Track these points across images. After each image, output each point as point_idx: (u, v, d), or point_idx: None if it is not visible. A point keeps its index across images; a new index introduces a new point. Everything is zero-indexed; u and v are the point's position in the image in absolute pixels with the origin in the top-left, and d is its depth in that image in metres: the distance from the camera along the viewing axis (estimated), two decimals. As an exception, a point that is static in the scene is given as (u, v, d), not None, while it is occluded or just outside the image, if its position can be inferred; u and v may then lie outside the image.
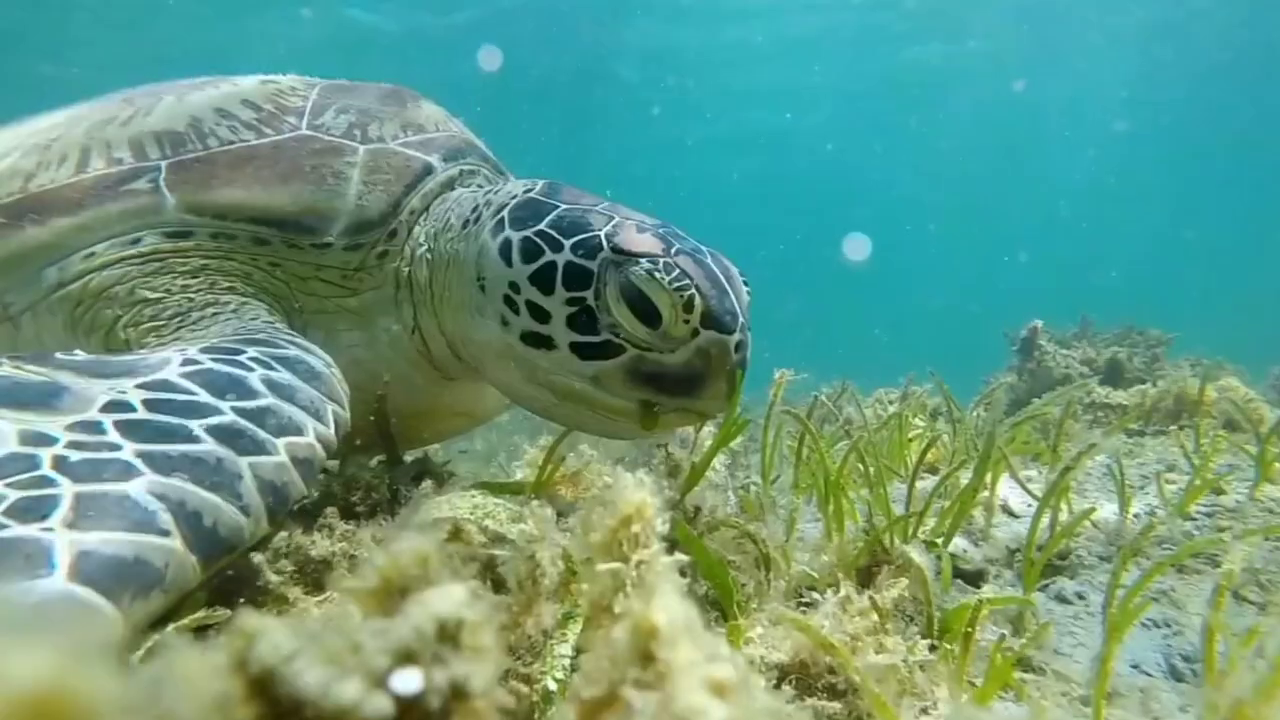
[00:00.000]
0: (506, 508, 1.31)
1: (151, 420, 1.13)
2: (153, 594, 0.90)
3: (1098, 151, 35.48)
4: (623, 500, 0.65)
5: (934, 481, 2.16)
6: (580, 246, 1.52)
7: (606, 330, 1.50)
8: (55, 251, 1.69)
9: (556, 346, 1.53)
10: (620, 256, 1.48)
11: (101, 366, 1.29)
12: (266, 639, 0.49)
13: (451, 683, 0.50)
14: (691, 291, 1.44)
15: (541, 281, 1.53)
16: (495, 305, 1.59)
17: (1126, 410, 4.03)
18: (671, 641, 0.52)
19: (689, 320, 1.46)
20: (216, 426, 1.15)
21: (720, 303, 1.48)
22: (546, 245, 1.54)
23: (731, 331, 1.48)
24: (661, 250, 1.49)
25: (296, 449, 1.21)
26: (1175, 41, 21.90)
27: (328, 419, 1.33)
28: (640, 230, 1.54)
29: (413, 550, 0.55)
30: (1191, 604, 1.62)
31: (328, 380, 1.42)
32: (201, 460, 1.08)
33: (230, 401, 1.22)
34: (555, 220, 1.58)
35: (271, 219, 1.72)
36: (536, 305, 1.54)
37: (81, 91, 2.13)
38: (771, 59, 23.17)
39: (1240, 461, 2.57)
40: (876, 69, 24.50)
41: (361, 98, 1.98)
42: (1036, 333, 5.64)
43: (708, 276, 1.49)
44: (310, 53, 18.96)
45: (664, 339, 1.48)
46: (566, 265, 1.51)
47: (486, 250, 1.62)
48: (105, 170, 1.75)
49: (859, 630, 1.22)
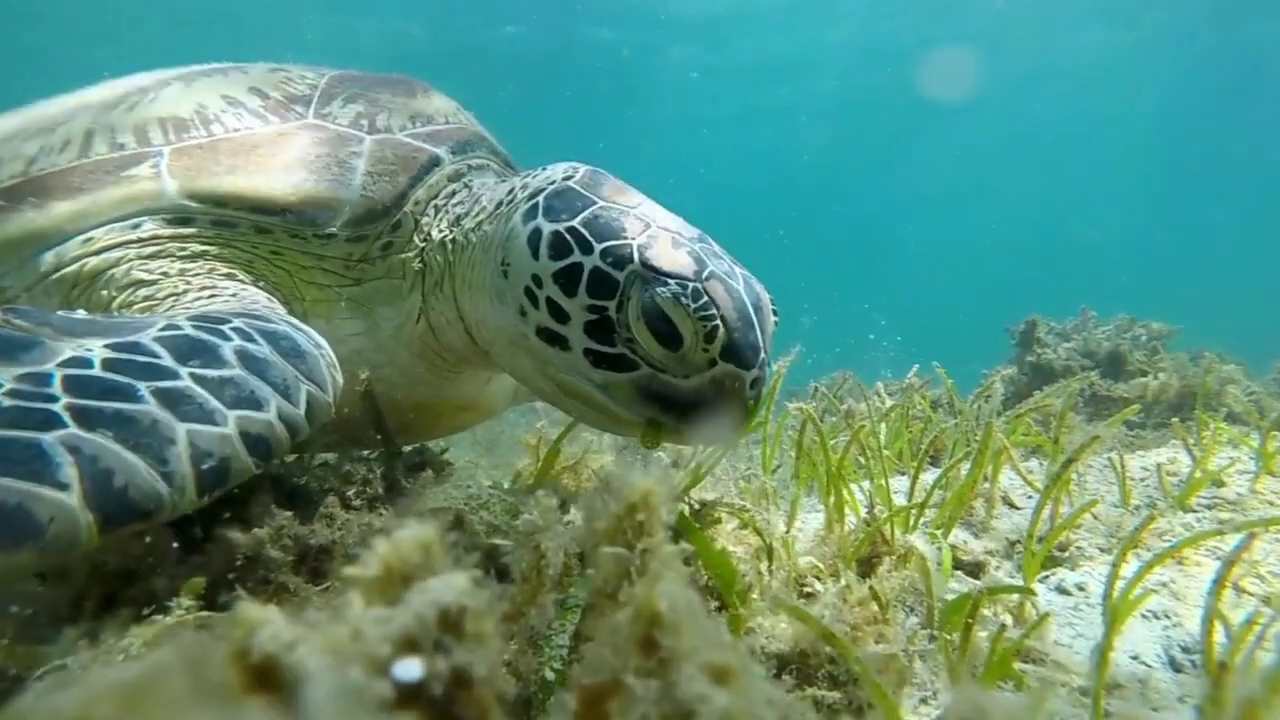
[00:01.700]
0: (502, 499, 1.31)
1: (102, 378, 1.10)
2: (24, 546, 0.87)
3: (1099, 146, 35.37)
4: (629, 488, 0.64)
5: (935, 473, 2.17)
6: (610, 254, 1.47)
7: (623, 344, 1.46)
8: (54, 236, 1.68)
9: (570, 348, 1.50)
10: (649, 273, 1.43)
11: (89, 326, 1.27)
12: (268, 628, 0.49)
13: (453, 670, 0.50)
14: (716, 323, 1.40)
15: (565, 282, 1.49)
16: (516, 294, 1.56)
17: (1127, 402, 4.03)
18: (674, 629, 0.51)
19: (708, 350, 1.41)
20: (165, 390, 1.11)
21: (744, 336, 1.42)
22: (576, 245, 1.49)
23: (750, 367, 1.43)
24: (693, 273, 1.42)
25: (250, 424, 1.15)
26: (1175, 40, 21.82)
27: (298, 399, 1.27)
28: (675, 245, 1.47)
29: (415, 538, 0.55)
30: (1191, 595, 1.62)
31: (311, 360, 1.38)
32: (133, 420, 1.04)
33: (191, 368, 1.18)
34: (589, 219, 1.52)
35: (274, 208, 1.70)
36: (556, 304, 1.50)
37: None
38: (778, 50, 23.11)
39: (1241, 454, 2.57)
40: (882, 60, 24.43)
41: (370, 88, 1.96)
42: (1035, 326, 5.64)
43: (735, 307, 1.43)
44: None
45: (680, 362, 1.44)
46: (593, 270, 1.47)
47: (515, 235, 1.58)
48: (107, 155, 1.74)
49: (859, 620, 1.23)
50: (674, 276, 1.41)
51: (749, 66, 23.85)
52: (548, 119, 28.00)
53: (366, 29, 20.00)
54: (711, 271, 1.44)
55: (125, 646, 0.96)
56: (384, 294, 1.82)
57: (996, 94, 28.06)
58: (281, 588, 1.21)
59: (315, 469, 1.92)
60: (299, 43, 18.84)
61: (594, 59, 23.62)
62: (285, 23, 19.10)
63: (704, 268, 1.44)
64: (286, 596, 1.21)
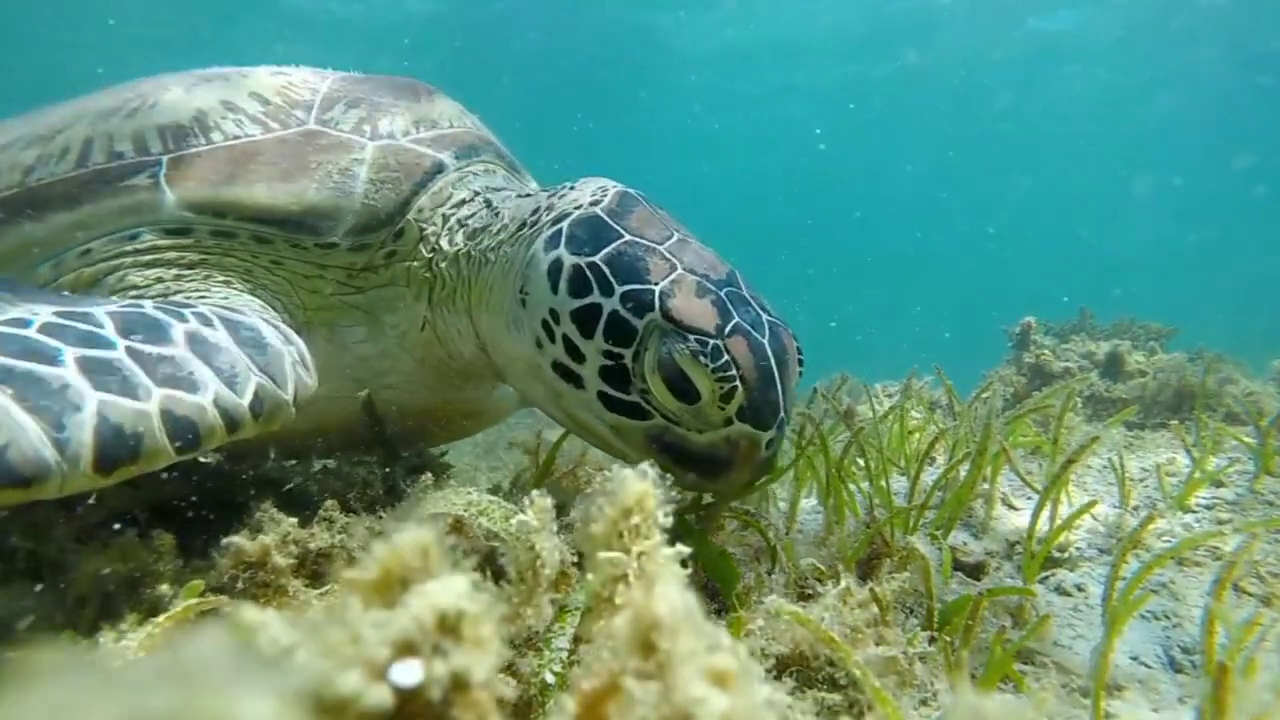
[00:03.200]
0: (502, 505, 1.31)
1: (29, 338, 1.05)
2: None
3: (1099, 146, 35.41)
4: (624, 491, 0.64)
5: (934, 474, 2.17)
6: (630, 299, 1.41)
7: (638, 393, 1.42)
8: (50, 248, 1.65)
9: (585, 388, 1.46)
10: (669, 324, 1.37)
11: (53, 299, 1.23)
12: (266, 632, 0.49)
13: (452, 674, 0.50)
14: (735, 384, 1.35)
15: (583, 322, 1.44)
16: (533, 324, 1.52)
17: (1127, 403, 4.03)
18: (672, 632, 0.51)
19: (725, 409, 1.37)
20: (91, 358, 1.05)
21: (763, 396, 1.37)
22: (596, 284, 1.44)
23: (767, 428, 1.38)
24: (714, 328, 1.37)
25: (176, 404, 1.09)
26: (1176, 37, 21.85)
27: (244, 389, 1.21)
28: (700, 292, 1.41)
29: (414, 541, 0.55)
30: (1191, 596, 1.62)
31: (273, 354, 1.31)
32: (40, 381, 0.97)
33: (130, 341, 1.12)
34: (612, 256, 1.45)
35: (274, 218, 1.67)
36: (573, 343, 1.46)
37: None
38: (772, 51, 23.13)
39: (1240, 454, 2.57)
40: (878, 67, 24.46)
41: (374, 91, 1.92)
42: (1030, 329, 5.65)
43: (757, 365, 1.37)
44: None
45: (695, 416, 1.40)
46: (611, 315, 1.41)
47: (536, 263, 1.53)
48: (105, 165, 1.70)
49: (859, 622, 1.23)
50: (694, 331, 1.36)
51: (747, 64, 23.83)
52: (548, 103, 27.74)
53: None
54: (735, 325, 1.38)
55: (124, 649, 0.96)
56: (388, 301, 1.80)
57: (997, 94, 28.10)
58: (280, 591, 1.21)
59: (315, 473, 1.93)
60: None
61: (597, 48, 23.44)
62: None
63: (728, 320, 1.38)
64: (286, 599, 1.21)
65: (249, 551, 1.20)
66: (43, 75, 19.13)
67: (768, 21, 21.41)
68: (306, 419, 1.79)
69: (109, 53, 17.15)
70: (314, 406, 1.76)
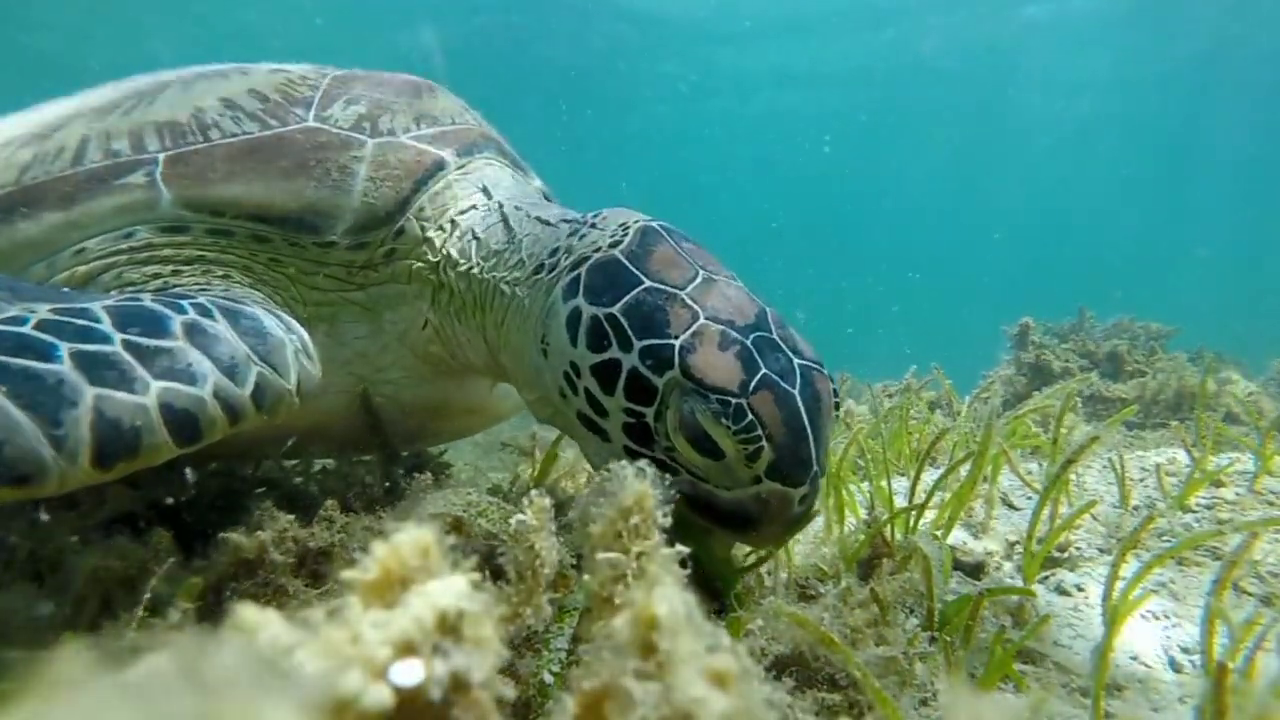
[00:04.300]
0: (501, 506, 1.31)
1: (23, 334, 1.04)
2: None
3: (1098, 146, 35.42)
4: (623, 491, 0.64)
5: (934, 474, 2.17)
6: (650, 355, 1.34)
7: (662, 450, 1.36)
8: (45, 247, 1.63)
9: (610, 440, 1.42)
10: (690, 383, 1.30)
11: (50, 295, 1.22)
12: (267, 632, 0.49)
13: (452, 674, 0.50)
14: (761, 444, 1.28)
15: (603, 378, 1.39)
16: (555, 376, 1.49)
17: (1126, 403, 4.03)
18: (672, 632, 0.51)
19: (752, 468, 1.30)
20: (87, 352, 1.04)
21: (793, 453, 1.30)
22: (615, 339, 1.38)
23: (798, 485, 1.31)
24: (738, 385, 1.29)
25: (175, 396, 1.07)
26: (1177, 36, 21.85)
27: (244, 379, 1.19)
28: (723, 344, 1.33)
29: (414, 541, 0.55)
30: (1191, 596, 1.62)
31: (274, 343, 1.29)
32: (36, 377, 0.96)
33: (128, 335, 1.11)
34: (630, 306, 1.39)
35: (271, 216, 1.65)
36: (595, 398, 1.41)
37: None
38: (773, 47, 23.13)
39: (1240, 454, 2.57)
40: (875, 65, 24.45)
41: (374, 88, 1.90)
42: (1028, 329, 5.66)
43: (786, 420, 1.29)
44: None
45: (723, 473, 1.33)
46: (631, 372, 1.36)
47: (555, 312, 1.49)
48: (101, 163, 1.68)
49: (859, 622, 1.23)
50: (716, 391, 1.29)
51: (747, 60, 23.82)
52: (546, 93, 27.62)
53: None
54: (761, 380, 1.31)
55: (124, 650, 0.95)
56: (389, 299, 1.78)
57: (996, 93, 28.10)
58: (281, 590, 1.21)
59: (315, 473, 1.92)
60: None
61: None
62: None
63: (753, 375, 1.31)
64: (286, 599, 1.21)
65: (246, 548, 1.20)
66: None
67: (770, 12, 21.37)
68: (308, 416, 1.79)
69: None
70: (315, 403, 1.76)
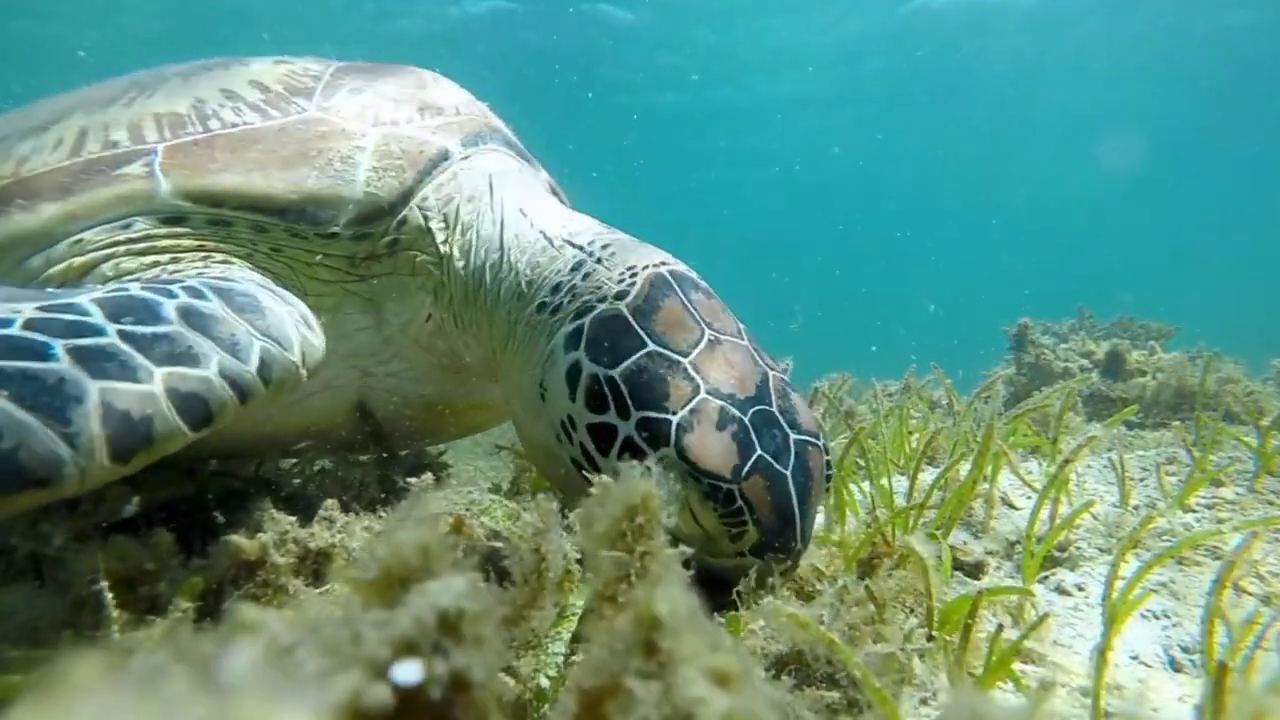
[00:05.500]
0: (504, 505, 1.31)
1: (14, 336, 1.01)
2: None
3: (1098, 147, 35.43)
4: (627, 492, 0.64)
5: (934, 474, 2.17)
6: (647, 428, 1.35)
7: None
8: (43, 238, 1.59)
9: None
10: (683, 464, 1.32)
11: (37, 294, 1.21)
12: (267, 631, 0.49)
13: (452, 674, 0.50)
14: (746, 528, 1.32)
15: (598, 438, 1.41)
16: (552, 421, 1.50)
17: (1126, 402, 4.03)
18: (674, 632, 0.51)
19: (736, 545, 1.35)
20: (83, 347, 1.01)
21: (779, 535, 1.33)
22: (614, 404, 1.39)
23: (781, 563, 1.35)
24: (730, 471, 1.31)
25: (181, 381, 1.05)
26: (1176, 36, 21.85)
27: (248, 356, 1.16)
28: (721, 424, 1.34)
29: (414, 541, 0.55)
30: (1191, 595, 1.62)
31: (273, 317, 1.26)
32: (36, 378, 0.94)
33: (122, 325, 1.08)
34: (630, 373, 1.39)
35: (272, 207, 1.62)
36: (590, 453, 1.43)
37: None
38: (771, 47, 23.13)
39: (1241, 454, 2.57)
40: (880, 70, 24.45)
41: (376, 79, 1.88)
42: (1027, 329, 5.67)
43: (775, 505, 1.32)
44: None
45: (709, 543, 1.37)
46: (626, 440, 1.37)
47: (555, 361, 1.50)
48: (99, 153, 1.65)
49: (858, 620, 1.23)
50: (709, 475, 1.31)
51: (744, 60, 23.78)
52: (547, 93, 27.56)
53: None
54: (755, 463, 1.32)
55: (122, 650, 0.95)
56: (391, 290, 1.76)
57: (996, 93, 28.11)
58: (281, 590, 1.21)
59: (314, 474, 1.92)
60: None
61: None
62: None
63: (747, 459, 1.32)
64: (286, 599, 1.21)
65: (247, 550, 1.20)
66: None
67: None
68: (310, 413, 1.78)
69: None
70: (318, 398, 1.75)
